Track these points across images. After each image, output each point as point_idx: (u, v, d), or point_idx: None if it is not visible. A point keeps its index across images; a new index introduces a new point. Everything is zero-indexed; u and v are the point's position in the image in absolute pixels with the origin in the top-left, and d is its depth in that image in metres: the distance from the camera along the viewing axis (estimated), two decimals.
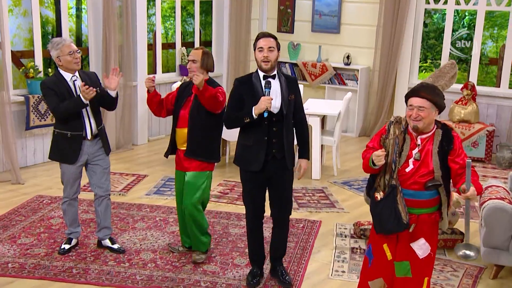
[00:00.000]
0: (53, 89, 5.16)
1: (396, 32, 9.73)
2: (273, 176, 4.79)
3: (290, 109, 4.73)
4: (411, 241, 4.10)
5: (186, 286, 4.96)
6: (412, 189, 4.00)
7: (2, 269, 5.18)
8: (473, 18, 10.82)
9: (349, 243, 5.86)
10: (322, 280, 5.12)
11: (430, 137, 4.01)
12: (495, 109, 9.34)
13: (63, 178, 5.42)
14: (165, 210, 6.62)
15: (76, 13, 11.45)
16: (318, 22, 10.53)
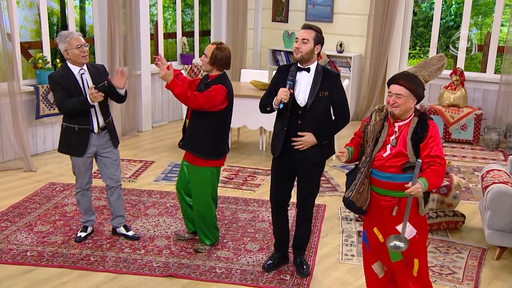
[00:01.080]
0: (60, 83, 4.89)
1: (387, 20, 9.51)
2: (298, 168, 4.58)
3: (320, 105, 4.42)
4: (396, 224, 3.94)
5: (202, 272, 4.76)
6: (389, 172, 3.89)
7: (22, 257, 4.95)
8: (459, 6, 10.64)
9: (355, 227, 5.69)
10: (333, 264, 4.94)
11: (406, 124, 3.90)
12: (481, 93, 9.20)
13: (74, 169, 5.18)
14: (175, 196, 6.35)
15: (80, 5, 11.10)
16: (311, 11, 10.28)
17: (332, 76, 4.51)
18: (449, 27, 11.12)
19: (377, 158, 3.93)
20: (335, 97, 4.49)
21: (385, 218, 4.01)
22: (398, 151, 3.87)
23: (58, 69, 5.04)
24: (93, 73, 5.04)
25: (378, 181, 3.95)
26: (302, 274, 4.74)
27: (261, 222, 5.76)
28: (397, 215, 3.93)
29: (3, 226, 5.54)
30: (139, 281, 4.63)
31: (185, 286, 4.56)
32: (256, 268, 4.82)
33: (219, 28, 10.23)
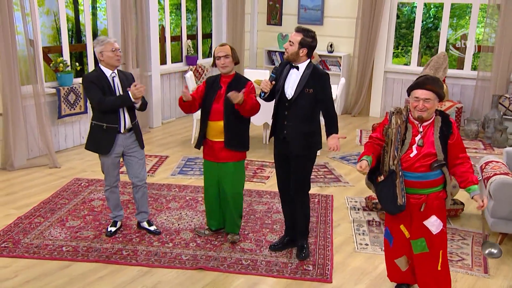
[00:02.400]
0: (95, 83, 4.60)
1: (373, 23, 9.28)
2: (289, 157, 4.42)
3: (304, 100, 4.26)
4: (423, 220, 3.78)
5: (229, 264, 4.50)
6: (419, 171, 3.69)
7: (58, 253, 4.65)
8: (438, 10, 10.46)
9: (364, 216, 5.46)
10: (350, 254, 4.71)
11: (430, 124, 3.71)
12: (459, 88, 9.06)
13: (103, 168, 4.89)
14: (193, 190, 6.11)
15: (92, 11, 10.65)
16: (303, 15, 10.00)
17: (319, 76, 4.30)
18: (428, 29, 10.96)
19: (404, 159, 3.72)
20: (319, 95, 4.30)
21: (413, 215, 3.82)
22: (427, 151, 3.67)
23: (92, 71, 4.76)
24: (122, 79, 4.77)
25: (409, 181, 3.73)
26: (299, 257, 4.57)
27: (276, 213, 5.51)
28: (425, 211, 3.76)
29: (37, 222, 5.23)
30: (171, 274, 4.36)
31: (216, 278, 4.30)
32: (280, 259, 4.57)
33: (220, 31, 9.90)
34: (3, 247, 4.73)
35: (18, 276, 4.30)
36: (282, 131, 4.36)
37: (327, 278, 4.29)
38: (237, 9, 9.81)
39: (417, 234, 3.83)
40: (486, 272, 4.45)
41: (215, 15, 9.92)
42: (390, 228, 3.98)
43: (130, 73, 4.97)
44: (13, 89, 6.47)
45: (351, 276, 4.34)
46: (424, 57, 11.29)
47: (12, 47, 6.37)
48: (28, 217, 5.33)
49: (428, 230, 3.80)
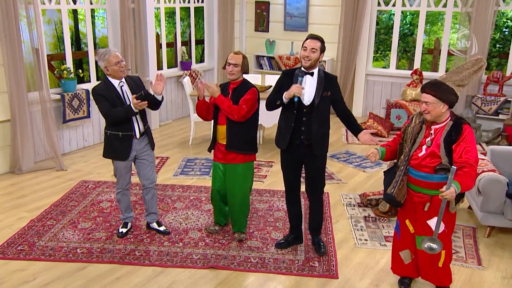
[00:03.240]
0: (103, 95, 4.41)
1: (354, 29, 9.19)
2: (304, 159, 4.29)
3: (324, 104, 4.14)
4: (427, 219, 3.70)
5: (239, 263, 4.36)
6: (423, 171, 3.63)
7: (73, 255, 4.46)
8: (413, 17, 10.42)
9: (360, 212, 5.37)
10: (352, 249, 4.61)
11: (442, 127, 3.60)
12: None
13: (116, 172, 4.70)
14: (196, 190, 5.94)
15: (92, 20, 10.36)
16: (289, 22, 9.86)
17: (333, 79, 4.25)
18: (405, 34, 10.92)
19: (413, 157, 3.67)
20: (336, 96, 4.22)
21: (417, 213, 3.75)
22: (432, 151, 3.59)
23: (100, 83, 4.52)
24: (131, 84, 4.58)
25: (413, 179, 3.69)
26: (320, 253, 4.46)
27: (277, 211, 5.38)
28: (429, 211, 3.68)
29: (50, 225, 5.02)
30: (184, 274, 4.20)
31: (227, 277, 4.16)
32: (286, 256, 4.45)
33: (212, 37, 9.72)
34: (19, 250, 4.52)
35: (36, 279, 4.11)
36: (299, 136, 4.18)
37: (333, 274, 4.18)
38: (227, 16, 9.64)
39: (421, 232, 3.76)
40: (480, 264, 4.40)
41: (207, 23, 9.73)
42: (400, 221, 3.92)
43: (137, 77, 4.77)
44: (20, 96, 6.22)
45: (356, 271, 4.24)
46: (402, 60, 11.26)
47: (19, 56, 6.12)
48: (40, 219, 5.12)
49: (431, 230, 3.71)
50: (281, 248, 4.56)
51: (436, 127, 3.62)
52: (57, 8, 7.01)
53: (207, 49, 9.82)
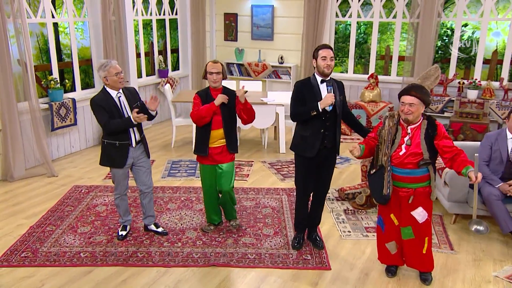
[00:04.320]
0: (102, 106, 4.16)
1: (316, 38, 9.14)
2: (322, 162, 4.13)
3: (341, 108, 4.04)
4: (411, 210, 3.71)
5: (238, 260, 4.22)
6: (407, 168, 3.61)
7: (78, 259, 4.20)
8: (367, 27, 10.50)
9: (339, 206, 5.33)
10: (338, 241, 4.56)
11: (417, 127, 3.62)
12: (388, 91, 9.10)
13: (114, 179, 4.47)
14: (185, 190, 5.75)
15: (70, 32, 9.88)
16: (256, 32, 9.72)
17: (341, 84, 4.13)
18: (360, 42, 11.00)
19: (394, 156, 3.63)
20: (344, 100, 4.13)
21: (401, 206, 3.73)
22: (414, 150, 3.58)
23: (99, 94, 4.25)
24: (128, 95, 4.34)
25: (398, 176, 3.66)
26: (318, 247, 4.37)
27: (264, 208, 5.27)
28: (412, 203, 3.68)
29: (50, 230, 4.72)
30: (187, 273, 4.03)
31: (229, 274, 4.01)
32: (281, 251, 4.35)
33: (186, 46, 9.48)
34: (24, 257, 4.22)
35: (45, 285, 3.83)
36: (322, 141, 4.01)
37: (326, 266, 4.11)
38: (198, 27, 9.41)
39: (405, 223, 3.75)
40: (452, 248, 4.44)
41: (181, 33, 9.48)
42: (383, 216, 3.88)
43: (133, 88, 4.54)
44: (10, 106, 5.84)
45: (345, 262, 4.19)
46: (358, 66, 11.35)
47: (8, 68, 5.73)
48: (39, 226, 4.81)
49: (415, 220, 3.73)
50: (300, 249, 4.36)
51: (413, 126, 3.63)
52: (41, 22, 6.62)
53: (182, 57, 9.57)
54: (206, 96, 4.40)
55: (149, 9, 8.62)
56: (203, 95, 4.41)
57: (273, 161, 6.80)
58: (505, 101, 8.18)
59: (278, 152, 7.23)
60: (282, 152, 7.23)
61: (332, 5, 9.13)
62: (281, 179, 6.12)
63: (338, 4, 9.19)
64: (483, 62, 8.57)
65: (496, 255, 4.34)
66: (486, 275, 4.03)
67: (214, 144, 4.40)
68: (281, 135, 7.17)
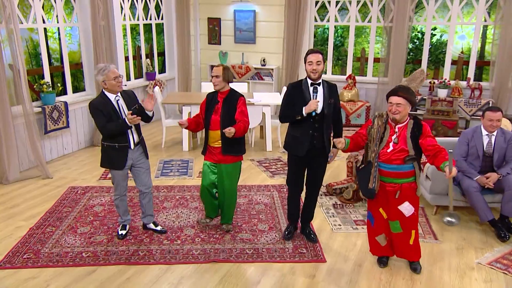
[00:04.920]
0: (100, 109, 4.03)
1: (296, 41, 9.15)
2: (312, 161, 4.12)
3: (330, 110, 4.00)
4: (398, 205, 3.73)
5: (237, 255, 4.16)
6: (394, 164, 3.63)
7: (80, 259, 4.07)
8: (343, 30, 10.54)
9: (327, 200, 5.33)
10: (330, 235, 4.55)
11: (404, 126, 3.65)
12: (365, 91, 9.18)
13: (114, 180, 4.34)
14: (179, 189, 5.66)
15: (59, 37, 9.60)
16: (239, 36, 9.66)
17: (333, 87, 4.08)
18: (337, 45, 11.04)
19: (382, 153, 3.65)
20: (336, 103, 4.08)
21: (389, 200, 3.74)
22: (401, 147, 3.60)
23: (97, 97, 4.12)
24: (126, 98, 4.23)
25: (385, 171, 3.67)
26: (312, 240, 4.35)
27: (257, 204, 5.23)
28: (399, 197, 3.70)
29: (50, 231, 4.57)
30: (189, 269, 3.95)
31: (230, 269, 3.95)
32: (277, 246, 4.31)
33: (172, 50, 9.34)
34: (26, 259, 4.07)
35: (50, 285, 3.71)
36: (312, 141, 4.01)
37: (321, 258, 4.09)
38: (184, 31, 9.29)
39: (393, 217, 3.77)
40: (436, 238, 4.49)
41: (167, 37, 9.34)
42: (372, 211, 3.89)
43: (131, 91, 4.42)
44: (4, 110, 5.64)
45: (339, 254, 4.18)
46: (336, 67, 11.39)
47: (1, 72, 5.53)
48: (39, 227, 4.65)
49: (402, 214, 3.75)
50: (290, 239, 4.38)
51: (400, 125, 3.65)
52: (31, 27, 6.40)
53: (168, 60, 9.43)
54: (212, 97, 4.37)
55: (136, 14, 8.46)
56: (210, 96, 4.38)
57: (261, 159, 6.76)
58: (472, 99, 8.35)
59: (265, 150, 7.19)
60: (269, 150, 7.20)
61: (311, 10, 9.14)
62: (270, 176, 6.09)
63: (317, 9, 9.21)
64: (451, 63, 8.73)
65: (477, 243, 4.41)
66: (469, 262, 4.09)
67: (215, 144, 4.34)
68: (267, 134, 7.14)
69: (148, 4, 8.74)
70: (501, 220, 4.63)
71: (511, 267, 4.02)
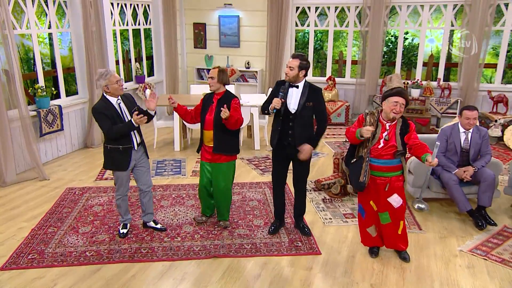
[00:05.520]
0: (104, 113, 3.95)
1: (278, 45, 9.17)
2: (293, 158, 4.14)
3: (306, 112, 3.99)
4: (387, 197, 3.79)
5: (236, 250, 4.14)
6: (385, 158, 3.71)
7: (84, 258, 3.98)
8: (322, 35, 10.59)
9: (317, 195, 5.36)
10: (322, 228, 4.57)
11: (394, 124, 3.72)
12: (344, 91, 9.26)
13: (117, 181, 4.26)
14: (174, 188, 5.60)
15: (49, 42, 9.34)
16: (223, 40, 9.62)
17: (315, 91, 4.05)
18: (316, 48, 11.09)
19: (373, 149, 3.71)
20: (317, 107, 4.06)
21: (379, 193, 3.80)
22: (391, 144, 3.68)
23: (100, 102, 4.03)
24: (126, 101, 4.16)
25: (376, 166, 3.73)
26: (306, 234, 4.36)
27: (251, 201, 5.22)
28: (388, 190, 3.77)
29: (52, 232, 4.46)
30: (192, 265, 3.92)
31: (231, 264, 3.93)
32: (274, 240, 4.31)
33: (159, 54, 9.22)
34: (31, 259, 3.96)
35: (57, 284, 3.61)
36: (287, 138, 4.05)
37: (317, 251, 4.11)
38: (170, 36, 9.18)
39: (383, 209, 3.83)
40: (420, 229, 4.57)
41: (155, 41, 9.21)
42: (362, 204, 3.94)
43: (130, 94, 4.34)
44: (0, 115, 5.45)
45: (332, 247, 4.21)
46: (316, 69, 11.44)
47: None
48: (40, 228, 4.53)
49: (391, 205, 3.81)
50: (274, 233, 4.39)
51: (391, 124, 3.71)
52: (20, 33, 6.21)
53: (156, 64, 9.31)
54: (208, 98, 4.33)
55: (125, 19, 8.31)
56: (206, 97, 4.35)
57: (250, 157, 6.75)
58: (442, 98, 8.54)
59: (253, 149, 7.18)
60: (257, 149, 7.19)
61: (292, 15, 9.17)
62: (260, 173, 6.09)
63: (297, 14, 9.24)
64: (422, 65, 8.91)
65: (457, 232, 4.52)
66: (453, 250, 4.18)
67: (209, 143, 4.31)
68: (255, 133, 7.13)
69: (137, 10, 8.61)
70: (478, 210, 4.74)
71: (490, 253, 4.13)
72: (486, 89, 8.38)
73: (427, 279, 3.70)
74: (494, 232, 4.53)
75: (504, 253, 4.13)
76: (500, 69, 8.47)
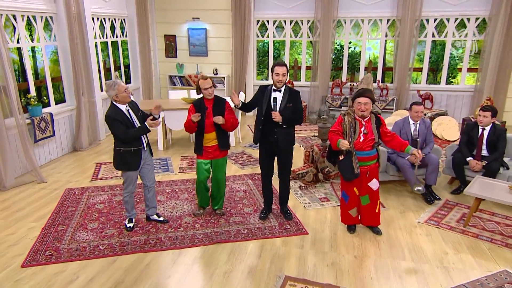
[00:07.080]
0: (118, 119, 3.85)
1: (242, 54, 9.21)
2: (276, 152, 4.24)
3: (287, 112, 4.06)
4: (368, 182, 4.02)
5: (235, 235, 4.18)
6: (365, 150, 3.91)
7: (99, 252, 3.87)
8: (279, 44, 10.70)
9: (293, 184, 5.49)
10: (304, 212, 4.72)
11: (369, 120, 3.93)
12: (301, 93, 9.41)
13: (127, 180, 4.14)
14: (168, 184, 5.52)
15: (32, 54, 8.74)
16: (193, 50, 9.51)
17: (295, 94, 4.15)
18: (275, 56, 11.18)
19: (356, 143, 3.87)
20: (294, 107, 4.15)
21: (362, 179, 3.97)
22: (369, 137, 3.87)
23: (111, 110, 3.89)
24: (132, 108, 4.06)
25: (360, 157, 3.91)
26: (288, 218, 4.48)
27: (238, 192, 5.26)
28: (369, 176, 3.97)
29: (62, 230, 4.27)
30: (198, 251, 3.92)
31: (233, 247, 3.97)
32: (265, 224, 4.40)
33: (136, 63, 8.95)
34: (49, 256, 3.79)
35: (79, 277, 3.50)
36: (272, 135, 4.12)
37: (304, 231, 4.25)
38: (145, 46, 8.95)
39: (364, 192, 4.02)
40: (383, 206, 4.84)
41: (131, 52, 8.93)
42: (346, 191, 4.09)
43: (134, 101, 4.24)
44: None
45: (316, 227, 4.37)
46: None
47: None
48: (50, 226, 4.33)
49: (370, 188, 4.00)
50: (264, 219, 4.47)
51: (366, 120, 3.90)
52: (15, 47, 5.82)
53: (132, 72, 9.04)
54: (200, 105, 4.28)
55: (104, 33, 8.00)
56: (197, 104, 4.28)
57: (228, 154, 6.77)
58: (381, 96, 8.99)
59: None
60: (232, 146, 7.22)
61: (253, 27, 9.24)
62: (240, 167, 6.14)
63: (258, 26, 9.33)
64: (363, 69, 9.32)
65: (412, 207, 4.83)
66: (412, 222, 4.48)
67: (209, 144, 4.31)
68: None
69: (114, 24, 8.31)
70: (426, 188, 5.10)
71: (440, 223, 4.47)
72: (416, 89, 8.93)
73: (398, 247, 3.96)
74: (440, 205, 4.89)
75: (451, 222, 4.49)
76: (424, 72, 9.06)
